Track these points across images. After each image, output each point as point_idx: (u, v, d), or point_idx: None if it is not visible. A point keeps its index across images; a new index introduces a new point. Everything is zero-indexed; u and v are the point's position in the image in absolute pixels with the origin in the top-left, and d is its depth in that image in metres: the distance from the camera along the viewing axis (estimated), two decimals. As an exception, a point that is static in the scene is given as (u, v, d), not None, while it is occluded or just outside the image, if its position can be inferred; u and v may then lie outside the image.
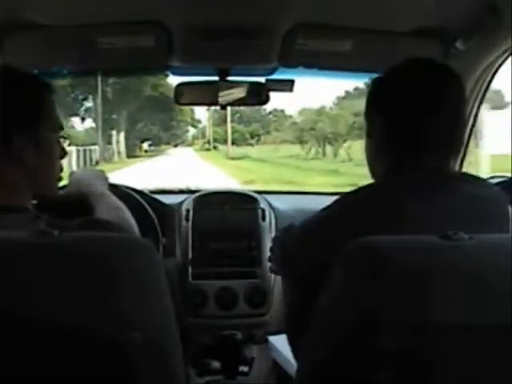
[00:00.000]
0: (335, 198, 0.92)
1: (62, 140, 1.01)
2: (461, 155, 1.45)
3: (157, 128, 38.90)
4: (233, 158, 27.95)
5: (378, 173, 0.97)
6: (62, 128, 1.00)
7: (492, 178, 1.88)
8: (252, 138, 42.50)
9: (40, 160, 0.91)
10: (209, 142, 45.92)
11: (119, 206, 1.17)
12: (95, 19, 1.30)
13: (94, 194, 1.18)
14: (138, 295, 0.65)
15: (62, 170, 1.02)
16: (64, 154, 1.02)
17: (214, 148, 43.98)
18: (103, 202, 1.17)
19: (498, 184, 1.30)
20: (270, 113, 47.85)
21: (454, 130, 0.93)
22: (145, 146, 37.42)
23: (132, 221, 1.16)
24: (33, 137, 0.89)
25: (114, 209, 1.15)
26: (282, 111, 47.70)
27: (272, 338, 1.55)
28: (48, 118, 0.94)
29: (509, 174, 1.89)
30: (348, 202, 0.91)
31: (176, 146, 49.19)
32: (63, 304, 0.61)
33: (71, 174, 1.26)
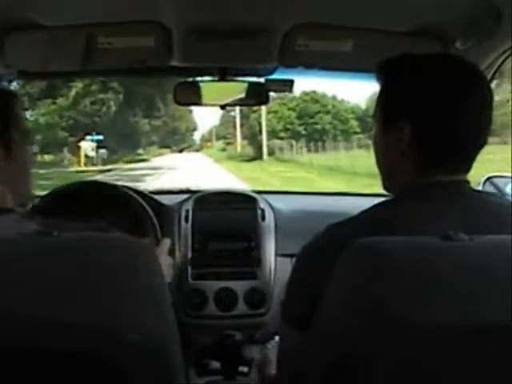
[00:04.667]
0: (334, 197, 0.91)
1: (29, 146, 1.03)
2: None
3: (116, 101, 15.70)
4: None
5: (398, 181, 0.89)
6: (29, 132, 1.02)
7: (490, 178, 1.88)
8: (320, 137, 22.16)
9: (15, 165, 0.93)
10: (258, 145, 20.29)
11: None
12: (95, 19, 1.31)
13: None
14: (137, 296, 0.65)
15: None
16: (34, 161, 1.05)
17: (270, 154, 19.97)
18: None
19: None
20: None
21: (481, 135, 0.87)
22: (86, 147, 16.42)
23: None
24: (5, 144, 0.91)
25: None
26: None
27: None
28: (16, 125, 0.95)
29: (508, 174, 1.89)
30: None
31: (181, 151, 29.81)
32: (62, 304, 0.61)
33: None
